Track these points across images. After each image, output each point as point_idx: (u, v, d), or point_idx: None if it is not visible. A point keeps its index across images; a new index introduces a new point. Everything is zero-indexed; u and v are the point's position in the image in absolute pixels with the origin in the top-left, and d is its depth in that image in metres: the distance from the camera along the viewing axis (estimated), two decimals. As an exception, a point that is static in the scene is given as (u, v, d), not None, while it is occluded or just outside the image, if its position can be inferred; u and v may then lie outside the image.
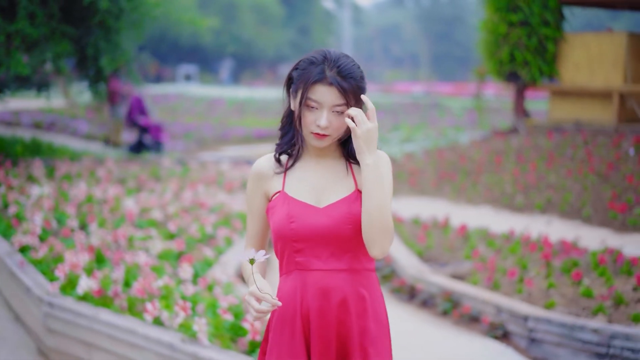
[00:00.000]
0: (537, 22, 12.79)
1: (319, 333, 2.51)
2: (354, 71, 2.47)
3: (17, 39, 9.48)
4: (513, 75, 13.21)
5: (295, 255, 2.53)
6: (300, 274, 2.53)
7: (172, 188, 9.07)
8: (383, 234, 2.42)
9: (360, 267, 2.54)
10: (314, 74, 2.45)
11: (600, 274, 5.93)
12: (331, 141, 2.51)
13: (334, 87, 2.44)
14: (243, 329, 4.36)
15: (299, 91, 2.49)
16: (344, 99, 2.44)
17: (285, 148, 2.61)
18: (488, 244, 7.34)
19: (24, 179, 9.22)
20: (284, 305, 2.54)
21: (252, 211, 2.65)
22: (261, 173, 2.62)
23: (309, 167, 2.59)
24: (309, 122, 2.48)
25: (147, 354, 4.49)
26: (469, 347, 5.40)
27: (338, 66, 2.45)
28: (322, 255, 2.51)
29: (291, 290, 2.54)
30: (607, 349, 4.86)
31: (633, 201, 8.61)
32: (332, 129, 2.47)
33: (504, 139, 12.73)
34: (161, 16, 12.91)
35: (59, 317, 5.03)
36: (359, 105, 2.49)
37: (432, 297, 6.33)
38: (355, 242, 2.50)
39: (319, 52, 2.50)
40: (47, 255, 5.92)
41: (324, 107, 2.45)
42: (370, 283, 2.56)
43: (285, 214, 2.51)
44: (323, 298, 2.50)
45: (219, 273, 5.64)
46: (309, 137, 2.51)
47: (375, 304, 2.56)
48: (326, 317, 2.50)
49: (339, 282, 2.50)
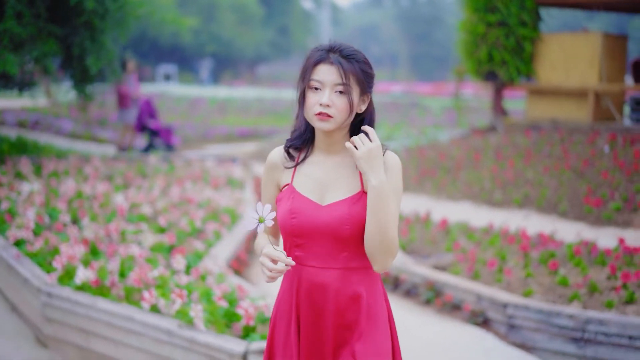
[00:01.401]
0: (515, 22, 13.07)
1: (308, 329, 2.57)
2: (356, 55, 2.52)
3: (5, 39, 9.61)
4: (491, 74, 13.48)
5: (295, 250, 2.58)
6: (297, 268, 2.58)
7: (159, 184, 9.24)
8: (384, 253, 2.46)
9: (358, 265, 2.55)
10: (317, 56, 2.53)
11: (575, 264, 6.20)
12: (336, 125, 2.52)
13: (334, 66, 2.49)
14: (237, 315, 4.57)
15: (303, 74, 2.55)
16: (345, 79, 2.48)
17: (295, 143, 2.65)
18: (468, 237, 7.59)
19: (12, 176, 9.36)
20: (283, 299, 2.64)
21: (266, 199, 2.70)
22: (275, 163, 2.67)
23: (318, 163, 2.62)
24: (312, 103, 2.52)
25: (145, 340, 4.69)
26: (451, 333, 5.64)
27: (341, 49, 2.52)
28: (320, 252, 2.54)
29: (289, 284, 2.62)
30: (582, 334, 5.12)
31: (607, 196, 8.89)
32: (335, 110, 2.49)
33: (483, 137, 13.00)
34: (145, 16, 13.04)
35: (57, 306, 5.22)
36: (363, 92, 2.54)
37: (415, 287, 6.58)
38: (353, 242, 2.53)
39: (325, 43, 2.59)
40: (42, 248, 6.09)
41: (326, 86, 2.49)
42: (369, 280, 2.58)
43: (288, 208, 2.56)
44: (314, 294, 2.55)
45: (210, 264, 5.83)
46: (313, 120, 2.53)
47: (371, 301, 2.58)
48: (315, 314, 2.55)
49: (331, 280, 2.54)
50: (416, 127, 20.71)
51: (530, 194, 9.75)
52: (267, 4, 53.69)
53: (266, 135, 19.65)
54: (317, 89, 2.51)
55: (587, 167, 9.98)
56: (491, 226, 7.85)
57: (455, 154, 12.33)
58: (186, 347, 4.44)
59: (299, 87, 2.59)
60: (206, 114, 23.88)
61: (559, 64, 13.08)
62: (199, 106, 26.18)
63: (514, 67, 13.25)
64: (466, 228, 8.05)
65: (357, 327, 2.55)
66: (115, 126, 16.31)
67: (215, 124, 20.88)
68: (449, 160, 12.10)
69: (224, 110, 25.54)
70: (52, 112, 18.63)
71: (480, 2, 13.23)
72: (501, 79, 13.38)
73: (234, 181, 10.44)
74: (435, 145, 13.54)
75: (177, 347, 4.49)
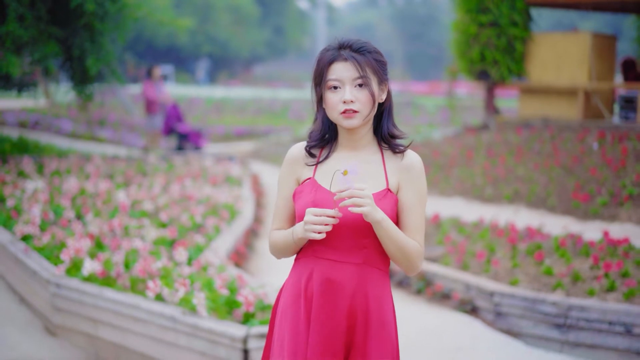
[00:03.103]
0: (506, 22, 13.35)
1: (319, 323, 2.56)
2: (367, 46, 2.55)
3: (7, 41, 9.86)
4: (483, 73, 13.75)
5: (313, 242, 2.58)
6: (312, 260, 2.59)
7: (159, 182, 9.50)
8: (408, 264, 2.57)
9: (373, 265, 2.58)
10: (329, 56, 2.55)
11: (561, 255, 6.47)
12: (362, 119, 2.55)
13: (349, 62, 2.52)
14: (237, 302, 4.83)
15: (319, 77, 2.57)
16: (363, 71, 2.51)
17: (315, 144, 2.66)
18: (459, 231, 7.86)
19: (15, 175, 9.60)
20: (290, 289, 2.65)
21: (283, 195, 2.69)
22: (296, 158, 2.67)
23: (343, 159, 2.62)
24: (335, 102, 2.53)
25: (150, 326, 4.95)
26: (441, 320, 5.92)
27: (350, 44, 2.54)
28: (338, 246, 2.55)
29: (299, 274, 2.63)
30: (565, 320, 5.40)
31: (595, 191, 9.17)
32: (359, 104, 2.52)
33: (475, 135, 13.27)
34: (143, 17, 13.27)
35: (66, 296, 5.48)
36: (381, 81, 2.59)
37: (407, 278, 6.85)
38: (373, 240, 2.55)
39: (333, 41, 2.61)
40: (49, 242, 6.35)
41: (346, 83, 2.52)
42: (380, 282, 2.60)
43: (311, 200, 2.55)
44: (327, 288, 2.55)
45: (211, 256, 6.10)
46: (340, 119, 2.55)
47: (383, 301, 2.61)
48: (329, 309, 2.55)
49: (345, 275, 2.55)
50: (410, 125, 20.98)
51: (520, 189, 10.03)
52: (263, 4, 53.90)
53: (263, 134, 19.91)
54: (337, 87, 2.53)
55: (576, 164, 10.25)
56: (481, 220, 8.12)
57: (448, 152, 12.60)
58: (190, 333, 4.70)
59: (314, 91, 2.62)
60: (203, 114, 24.12)
61: (550, 64, 13.35)
62: (196, 106, 26.42)
63: (505, 67, 13.52)
64: (457, 222, 8.32)
65: (368, 327, 2.57)
66: (143, 131, 16.65)
67: (212, 124, 21.12)
68: (442, 158, 12.37)
69: (221, 110, 25.79)
70: (52, 113, 18.89)
71: (472, 3, 13.50)
72: (493, 78, 13.65)
73: (232, 179, 10.70)
74: (429, 143, 13.81)
75: (181, 333, 4.75)
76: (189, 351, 4.74)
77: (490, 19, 13.40)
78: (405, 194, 2.60)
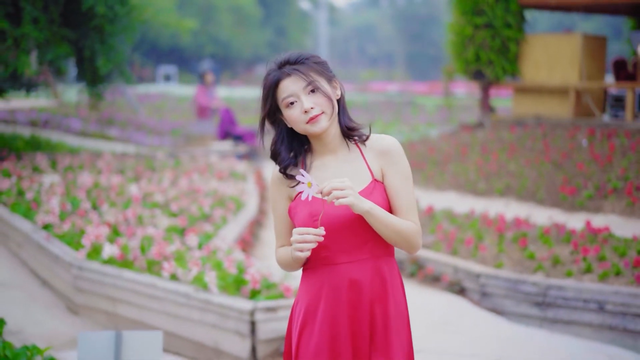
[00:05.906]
0: (500, 24, 13.85)
1: (351, 324, 2.61)
2: (302, 54, 2.63)
3: (23, 42, 10.37)
4: (478, 73, 14.24)
5: (320, 251, 2.60)
6: (327, 269, 2.62)
7: (168, 177, 10.00)
8: (408, 244, 2.63)
9: (381, 252, 2.64)
10: (273, 77, 2.62)
11: (544, 242, 6.97)
12: (328, 119, 2.61)
13: (293, 75, 2.59)
14: (245, 280, 5.34)
15: (269, 100, 2.64)
16: (309, 77, 2.58)
17: (287, 163, 2.71)
18: (451, 221, 8.36)
19: (30, 170, 10.11)
20: (308, 302, 2.66)
21: (278, 215, 2.74)
22: (281, 178, 2.72)
23: (323, 165, 2.68)
24: (297, 115, 2.60)
25: (166, 303, 5.46)
26: (431, 300, 6.43)
27: (288, 60, 2.62)
28: (346, 247, 2.60)
29: (316, 285, 2.65)
30: (544, 298, 5.90)
31: (581, 185, 9.67)
32: (319, 107, 2.59)
33: (471, 133, 13.77)
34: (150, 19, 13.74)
35: (87, 278, 6.00)
36: (329, 79, 2.65)
37: (400, 262, 7.35)
38: (372, 232, 2.60)
39: (270, 64, 2.67)
40: (70, 230, 6.87)
41: (299, 94, 2.59)
42: (391, 268, 2.67)
43: (307, 212, 2.60)
44: (353, 289, 2.60)
45: (219, 243, 6.60)
46: (307, 128, 2.61)
47: (393, 290, 2.66)
48: (358, 308, 2.60)
49: (365, 272, 2.61)
50: (409, 124, 21.49)
51: (511, 184, 10.53)
52: (265, 5, 54.39)
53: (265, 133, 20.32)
54: (293, 102, 2.60)
55: (566, 160, 10.74)
56: (472, 212, 8.61)
57: (444, 148, 13.10)
58: (202, 308, 5.21)
59: (269, 116, 2.70)
60: (206, 114, 24.60)
61: (543, 64, 13.85)
62: (200, 105, 26.89)
63: (499, 67, 14.01)
64: (450, 214, 8.81)
65: (389, 320, 2.63)
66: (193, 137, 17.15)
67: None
68: (438, 154, 12.86)
69: (224, 110, 26.24)
70: (61, 112, 19.40)
71: (467, 5, 13.99)
72: (488, 77, 14.13)
73: (237, 174, 11.21)
74: (426, 141, 14.30)
75: (194, 308, 5.26)
76: (201, 325, 5.24)
77: (485, 21, 13.89)
78: (390, 177, 2.64)
